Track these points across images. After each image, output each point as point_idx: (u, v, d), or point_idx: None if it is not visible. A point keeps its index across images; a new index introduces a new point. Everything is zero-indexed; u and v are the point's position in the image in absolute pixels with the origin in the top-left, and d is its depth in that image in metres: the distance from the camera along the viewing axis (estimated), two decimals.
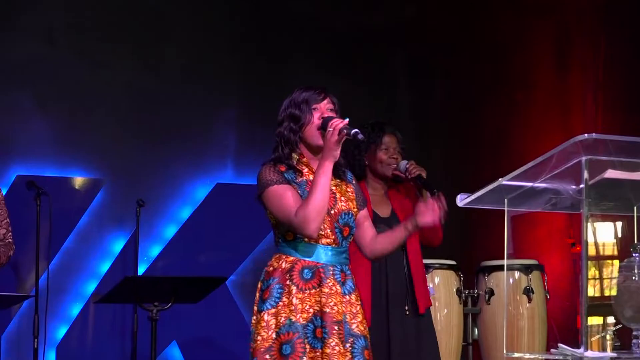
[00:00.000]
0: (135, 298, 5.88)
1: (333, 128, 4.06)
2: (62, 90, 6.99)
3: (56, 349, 6.77)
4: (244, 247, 7.23)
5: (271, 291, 4.16)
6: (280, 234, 4.22)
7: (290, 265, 4.16)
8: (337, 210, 4.18)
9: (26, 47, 6.89)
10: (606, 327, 6.17)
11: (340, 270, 4.18)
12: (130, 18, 7.25)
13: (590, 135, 3.84)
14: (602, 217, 5.66)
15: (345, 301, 4.17)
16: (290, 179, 4.18)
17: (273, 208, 4.17)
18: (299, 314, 4.10)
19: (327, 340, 4.09)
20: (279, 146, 4.24)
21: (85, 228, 6.96)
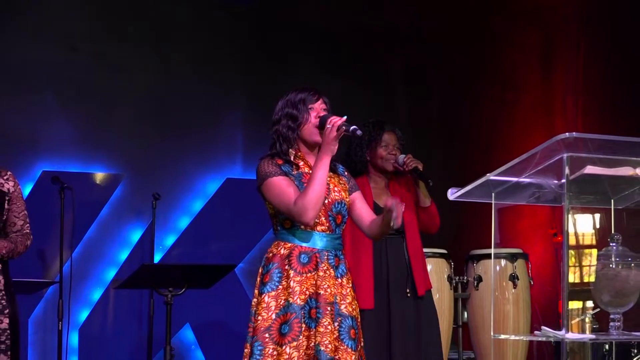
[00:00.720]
0: (151, 284, 5.89)
1: (332, 125, 4.10)
2: (83, 92, 6.99)
3: (79, 330, 6.77)
4: (251, 237, 7.23)
5: (271, 275, 4.17)
6: (279, 222, 4.25)
7: (288, 251, 4.18)
8: (331, 200, 4.21)
9: (50, 53, 6.89)
10: (585, 311, 6.21)
11: (335, 255, 4.21)
12: (145, 26, 7.25)
13: (571, 134, 3.85)
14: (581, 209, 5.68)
15: (337, 284, 4.19)
16: (287, 171, 4.21)
17: (273, 198, 4.20)
18: (297, 296, 4.12)
19: (320, 320, 4.12)
20: (276, 143, 4.27)
21: (106, 219, 6.97)
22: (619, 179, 4.26)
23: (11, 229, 4.61)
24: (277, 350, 4.11)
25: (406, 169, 5.28)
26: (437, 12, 8.10)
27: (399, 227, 4.28)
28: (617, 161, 4.15)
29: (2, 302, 4.48)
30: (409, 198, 5.41)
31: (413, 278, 5.29)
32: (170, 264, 6.74)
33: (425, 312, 5.36)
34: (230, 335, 6.96)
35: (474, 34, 8.20)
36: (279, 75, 7.42)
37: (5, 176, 4.62)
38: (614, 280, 4.09)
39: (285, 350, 4.10)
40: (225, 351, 6.99)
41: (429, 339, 5.35)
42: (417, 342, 5.27)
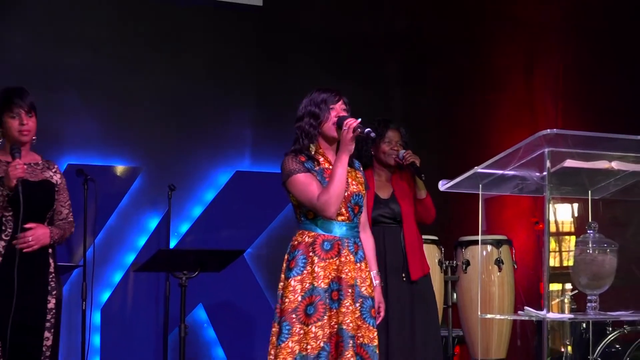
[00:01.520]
0: (167, 267, 5.91)
1: (348, 127, 4.19)
2: (105, 92, 6.99)
3: (101, 310, 6.78)
4: (258, 225, 7.23)
5: (297, 261, 4.23)
6: (302, 214, 4.32)
7: (312, 239, 4.24)
8: (350, 193, 4.28)
9: (75, 55, 6.89)
10: (565, 293, 6.21)
11: (354, 242, 4.29)
12: (162, 31, 7.25)
13: (552, 130, 3.86)
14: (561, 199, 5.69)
15: (356, 268, 4.26)
16: (309, 167, 4.27)
17: (297, 193, 4.26)
18: (321, 280, 4.19)
19: (342, 301, 4.19)
20: (299, 138, 4.33)
21: (125, 208, 6.97)
22: (595, 171, 4.27)
23: (58, 217, 4.63)
24: (303, 329, 4.18)
25: (405, 163, 5.30)
26: (431, 19, 8.10)
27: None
28: (594, 155, 4.16)
29: (51, 284, 4.50)
30: (409, 191, 5.43)
31: (408, 263, 5.30)
32: (184, 249, 6.74)
33: (421, 295, 5.37)
34: (238, 314, 6.98)
35: (464, 40, 8.20)
36: (283, 76, 7.43)
37: (53, 169, 4.66)
38: (591, 264, 4.09)
39: (311, 329, 4.16)
40: (235, 329, 7.01)
41: (425, 320, 5.36)
42: (412, 322, 5.28)
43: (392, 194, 5.37)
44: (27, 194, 4.32)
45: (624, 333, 5.68)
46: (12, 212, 4.37)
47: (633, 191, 4.35)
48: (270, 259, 7.26)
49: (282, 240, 7.18)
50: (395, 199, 5.36)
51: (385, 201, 5.33)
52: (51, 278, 4.50)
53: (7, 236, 4.38)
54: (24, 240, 4.37)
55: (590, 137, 4.01)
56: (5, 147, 4.49)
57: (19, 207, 4.29)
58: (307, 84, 4.58)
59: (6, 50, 6.69)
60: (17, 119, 4.43)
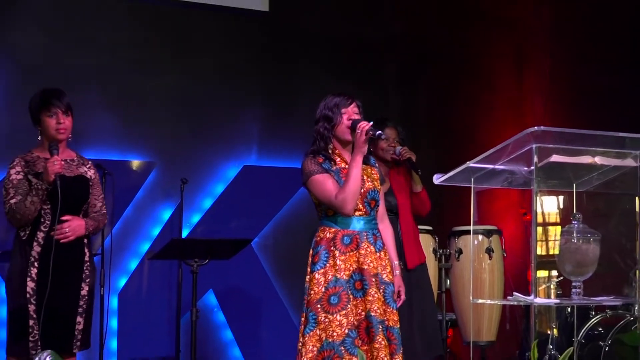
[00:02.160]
0: (179, 255, 5.91)
1: (361, 130, 4.25)
2: (122, 93, 6.99)
3: (118, 295, 6.78)
4: (264, 216, 7.23)
5: (320, 256, 4.29)
6: (322, 211, 4.38)
7: (332, 235, 4.29)
8: (366, 189, 4.33)
9: (94, 58, 6.89)
10: (551, 279, 6.21)
11: (372, 234, 4.35)
12: (175, 36, 7.24)
13: (539, 127, 3.87)
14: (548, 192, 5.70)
15: (377, 257, 4.32)
16: (327, 167, 4.31)
17: (317, 192, 4.31)
18: (342, 272, 4.24)
19: (368, 290, 4.24)
20: (316, 140, 4.40)
21: (141, 201, 6.97)
22: (580, 166, 4.27)
23: (92, 210, 4.65)
24: (328, 318, 4.22)
25: (401, 158, 5.31)
26: (426, 24, 8.09)
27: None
28: (579, 151, 4.17)
29: (86, 272, 4.53)
30: (405, 185, 5.43)
31: (404, 253, 5.30)
32: (195, 239, 6.74)
33: (417, 282, 5.37)
34: (246, 298, 6.98)
35: (457, 42, 8.19)
36: (287, 77, 7.43)
37: (87, 165, 4.69)
38: (576, 253, 4.10)
39: (336, 317, 4.21)
40: (243, 312, 7.02)
41: (422, 306, 5.36)
42: (410, 309, 5.27)
43: (390, 187, 5.37)
44: (64, 188, 4.35)
45: (606, 317, 5.68)
46: (50, 205, 4.40)
47: (614, 184, 4.36)
48: (275, 248, 7.27)
49: (287, 229, 7.26)
50: (393, 192, 5.36)
51: (384, 194, 5.33)
52: (86, 267, 4.53)
53: (46, 227, 4.41)
54: (61, 232, 4.40)
55: (575, 134, 4.01)
56: (43, 145, 4.53)
57: (57, 201, 4.33)
58: (309, 85, 4.60)
59: (29, 53, 6.69)
60: (55, 118, 4.48)
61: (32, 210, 4.34)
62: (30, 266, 4.34)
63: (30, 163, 4.45)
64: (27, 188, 4.37)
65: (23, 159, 4.49)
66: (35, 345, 4.31)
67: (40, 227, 4.40)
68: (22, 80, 6.42)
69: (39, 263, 4.35)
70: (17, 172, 4.43)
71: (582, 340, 5.57)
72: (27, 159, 4.49)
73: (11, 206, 4.37)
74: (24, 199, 4.34)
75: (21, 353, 4.35)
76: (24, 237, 4.42)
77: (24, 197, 4.35)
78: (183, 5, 7.24)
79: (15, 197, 4.37)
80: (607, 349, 5.34)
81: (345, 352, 4.15)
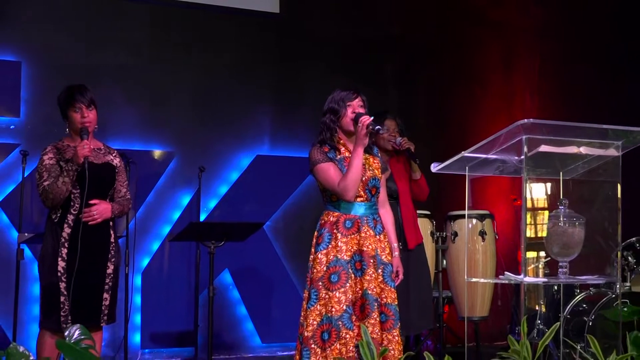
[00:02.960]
0: (198, 237, 5.91)
1: (362, 124, 4.26)
2: (145, 88, 7.00)
3: (141, 274, 6.79)
4: (275, 201, 7.23)
5: (323, 237, 4.31)
6: (327, 197, 4.40)
7: (335, 219, 4.31)
8: (367, 177, 4.34)
9: (119, 55, 6.89)
10: (539, 260, 6.19)
11: (373, 218, 4.36)
12: (193, 34, 7.24)
13: (529, 120, 3.85)
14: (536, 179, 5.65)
15: (376, 240, 4.33)
16: (332, 157, 4.33)
17: (321, 179, 4.34)
18: (343, 252, 4.26)
19: (366, 270, 4.26)
20: (323, 131, 4.40)
21: (162, 187, 6.97)
22: (566, 155, 4.26)
23: (117, 195, 4.67)
24: (328, 295, 4.24)
25: (401, 148, 5.30)
26: (422, 25, 8.06)
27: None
28: (565, 142, 4.15)
29: (112, 252, 4.54)
30: (404, 172, 5.43)
31: (404, 234, 5.29)
32: (212, 222, 6.75)
33: (416, 261, 5.37)
34: (258, 277, 6.98)
35: (451, 42, 8.17)
36: (296, 74, 7.41)
37: (113, 154, 4.71)
38: (562, 235, 4.08)
39: (335, 294, 4.23)
40: (256, 290, 7.02)
41: (419, 284, 5.37)
42: (407, 286, 5.28)
43: (390, 174, 5.37)
44: (91, 174, 4.38)
45: (589, 294, 5.67)
46: (79, 190, 4.42)
47: (598, 172, 4.34)
48: (285, 230, 7.27)
49: (296, 214, 7.27)
50: (393, 179, 5.36)
51: (384, 182, 5.32)
52: (112, 247, 4.54)
53: (75, 210, 4.43)
54: (89, 214, 4.42)
55: (562, 126, 4.00)
56: (72, 135, 4.55)
57: (85, 185, 4.34)
58: (316, 82, 4.60)
59: (58, 52, 6.69)
60: (79, 113, 4.49)
61: (64, 190, 4.36)
62: (61, 247, 4.36)
63: (61, 150, 4.49)
64: (59, 171, 4.41)
65: (54, 146, 4.53)
66: (66, 319, 4.33)
67: (70, 210, 4.42)
68: (54, 77, 6.42)
69: (69, 244, 4.37)
70: (50, 158, 4.47)
71: (568, 315, 5.57)
72: (58, 146, 4.53)
73: (45, 187, 4.39)
74: (56, 180, 4.38)
75: (53, 326, 4.37)
76: (55, 220, 4.44)
77: (56, 178, 4.38)
78: (200, 8, 7.23)
79: (48, 179, 4.41)
80: (590, 324, 5.33)
81: (342, 326, 4.18)
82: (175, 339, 6.89)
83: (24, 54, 6.58)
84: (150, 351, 6.79)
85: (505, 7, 8.46)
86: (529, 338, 3.90)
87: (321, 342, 4.18)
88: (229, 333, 7.05)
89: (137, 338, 6.73)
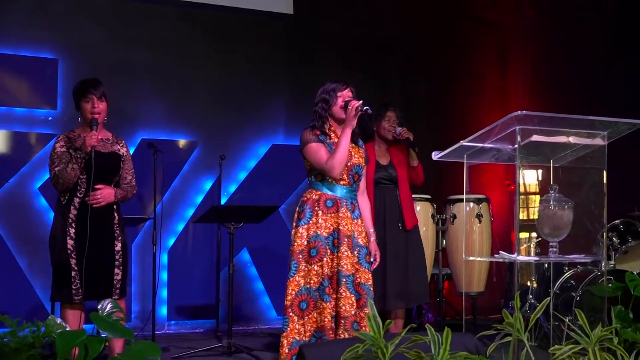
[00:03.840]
0: (219, 219, 5.92)
1: (352, 107, 4.18)
2: (170, 82, 7.00)
3: (168, 253, 6.82)
4: (289, 186, 7.22)
5: (305, 213, 4.28)
6: (313, 175, 4.34)
7: (318, 197, 4.27)
8: (352, 164, 4.29)
9: (147, 53, 6.90)
10: (531, 240, 6.18)
11: (351, 202, 4.31)
12: (214, 33, 7.24)
13: (522, 112, 3.84)
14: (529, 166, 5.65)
15: (353, 222, 4.28)
16: (322, 140, 4.26)
17: (310, 158, 4.28)
18: (323, 229, 4.22)
19: (340, 248, 4.23)
20: (315, 119, 4.34)
21: (186, 173, 6.98)
22: (556, 144, 4.24)
23: (123, 182, 4.67)
24: (307, 267, 4.21)
25: (401, 137, 5.28)
26: (423, 24, 8.04)
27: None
28: (555, 132, 4.14)
29: (117, 232, 4.55)
30: (403, 159, 5.41)
31: (403, 216, 5.29)
32: (232, 205, 6.75)
33: (413, 240, 5.37)
34: (273, 255, 6.99)
35: (450, 40, 8.14)
36: (308, 69, 7.39)
37: (120, 144, 4.70)
38: (553, 218, 4.07)
39: (314, 267, 4.20)
40: (272, 267, 7.03)
41: (417, 261, 5.36)
42: (406, 262, 5.28)
43: (390, 161, 5.36)
44: (98, 162, 4.39)
45: (577, 271, 5.65)
46: (85, 175, 4.43)
47: (585, 160, 4.32)
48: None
49: None
50: (393, 165, 5.35)
51: (385, 167, 5.32)
52: (116, 227, 4.55)
53: (81, 194, 4.46)
54: (94, 197, 4.44)
55: (553, 117, 3.99)
56: (84, 125, 4.55)
57: (91, 172, 4.35)
58: (327, 76, 4.58)
59: (91, 50, 6.70)
60: (90, 103, 4.50)
61: (72, 175, 4.40)
62: (68, 227, 4.40)
63: (72, 139, 4.52)
64: (69, 159, 4.44)
65: (66, 135, 4.56)
66: (77, 292, 4.38)
67: (76, 194, 4.45)
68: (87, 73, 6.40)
69: (75, 224, 4.40)
70: (61, 146, 4.50)
71: (557, 291, 5.56)
72: (69, 136, 4.55)
73: (55, 173, 4.44)
74: (65, 166, 4.41)
75: (65, 298, 4.42)
76: (64, 202, 4.48)
77: (66, 165, 4.42)
78: (221, 10, 7.22)
79: (59, 165, 4.44)
80: (578, 299, 5.32)
81: (319, 297, 4.19)
82: (198, 311, 6.91)
83: (60, 52, 6.59)
84: (176, 323, 6.82)
85: (500, 8, 8.43)
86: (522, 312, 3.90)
87: (299, 310, 4.18)
88: (247, 306, 7.08)
89: (164, 311, 6.75)
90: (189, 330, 6.78)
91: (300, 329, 4.16)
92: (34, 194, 6.38)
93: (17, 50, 6.46)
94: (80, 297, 4.38)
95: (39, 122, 6.47)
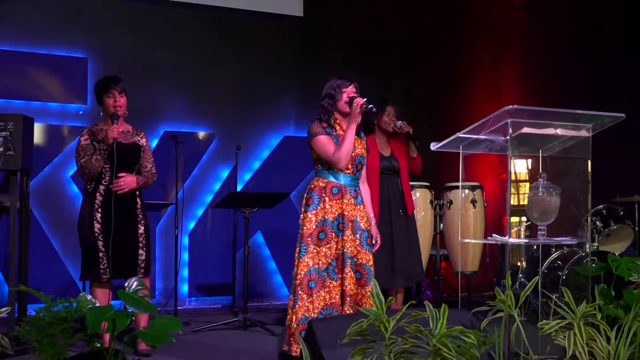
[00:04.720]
0: (235, 205, 5.93)
1: (356, 104, 4.18)
2: (190, 79, 7.00)
3: (188, 235, 6.83)
4: (299, 174, 7.22)
5: (313, 199, 4.29)
6: (319, 164, 4.36)
7: (324, 184, 4.27)
8: (356, 154, 4.30)
9: (166, 52, 6.89)
10: (521, 224, 6.17)
11: (354, 190, 4.32)
12: (230, 33, 7.23)
13: (514, 106, 3.82)
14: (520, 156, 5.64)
15: (356, 208, 4.29)
16: (329, 132, 4.26)
17: (318, 149, 4.28)
18: (329, 214, 4.23)
19: (344, 232, 4.24)
20: (321, 113, 4.33)
21: (205, 163, 6.99)
22: (545, 136, 4.22)
23: (144, 170, 4.68)
24: (316, 249, 4.21)
25: (401, 131, 5.28)
26: (423, 25, 8.01)
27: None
28: (544, 124, 4.12)
29: (139, 216, 4.57)
30: (403, 151, 5.41)
31: (405, 203, 5.30)
32: (247, 192, 6.76)
33: (412, 225, 5.39)
34: (285, 238, 7.00)
35: (448, 40, 8.11)
36: (317, 66, 7.37)
37: (140, 135, 4.71)
38: (541, 203, 4.06)
39: (322, 249, 4.21)
40: (284, 248, 7.03)
41: (415, 243, 5.38)
42: (409, 245, 5.29)
43: (391, 153, 5.36)
44: (119, 152, 4.43)
45: (563, 253, 5.65)
46: (109, 165, 4.45)
47: (572, 150, 4.31)
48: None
49: None
50: (394, 156, 5.35)
51: (387, 158, 5.33)
52: (139, 212, 4.57)
53: (106, 182, 4.49)
54: (117, 185, 4.46)
55: (541, 111, 3.97)
56: (105, 120, 4.57)
57: (114, 161, 4.38)
58: (334, 73, 4.57)
59: (118, 50, 6.70)
60: (112, 98, 4.52)
61: (97, 166, 4.43)
62: (95, 212, 4.43)
63: (95, 133, 4.54)
64: (93, 151, 4.46)
65: (90, 129, 4.59)
66: (105, 271, 4.42)
67: (102, 182, 4.49)
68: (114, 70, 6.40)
69: (101, 209, 4.43)
70: (86, 139, 4.53)
71: (545, 270, 5.55)
72: (93, 129, 4.57)
73: (81, 164, 4.48)
74: (90, 158, 4.45)
75: (93, 277, 4.45)
76: (90, 189, 4.52)
77: (90, 156, 4.44)
78: (238, 13, 7.21)
79: (84, 157, 4.47)
80: (564, 277, 5.31)
81: (327, 276, 4.19)
82: (216, 289, 6.94)
83: (89, 52, 6.60)
84: (196, 299, 6.84)
85: (495, 10, 8.39)
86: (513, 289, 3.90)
87: (308, 289, 4.18)
88: (261, 284, 7.10)
89: (185, 288, 6.78)
90: (208, 306, 6.80)
91: (309, 306, 4.17)
92: (66, 182, 6.40)
93: (51, 50, 6.47)
94: (108, 276, 4.41)
95: (71, 116, 6.49)
